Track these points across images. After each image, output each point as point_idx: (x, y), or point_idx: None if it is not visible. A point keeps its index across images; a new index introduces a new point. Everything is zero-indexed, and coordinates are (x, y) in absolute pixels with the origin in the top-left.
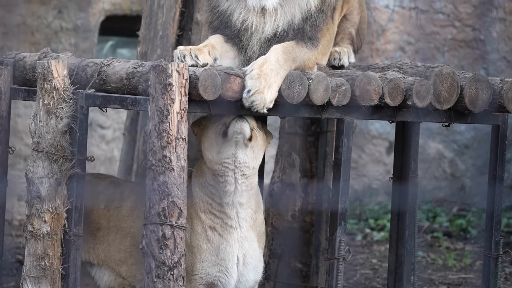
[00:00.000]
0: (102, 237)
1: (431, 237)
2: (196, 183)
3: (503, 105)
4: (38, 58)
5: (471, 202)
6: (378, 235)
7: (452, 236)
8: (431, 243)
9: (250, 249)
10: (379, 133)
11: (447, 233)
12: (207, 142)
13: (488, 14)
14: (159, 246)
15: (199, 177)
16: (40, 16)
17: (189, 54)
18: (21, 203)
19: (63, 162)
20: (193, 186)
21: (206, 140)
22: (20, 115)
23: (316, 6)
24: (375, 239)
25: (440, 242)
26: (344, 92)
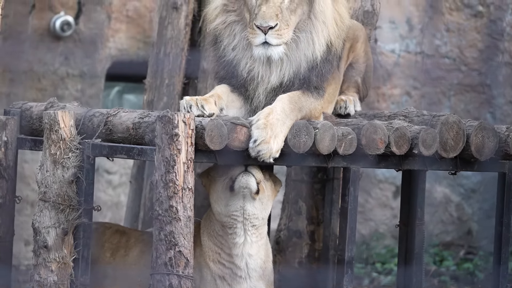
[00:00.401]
0: (109, 286)
1: (438, 281)
2: (205, 232)
3: (509, 153)
4: (44, 108)
5: (478, 245)
6: (385, 279)
7: (459, 280)
8: (438, 287)
9: None
10: (385, 177)
11: (454, 277)
12: (215, 194)
13: (494, 59)
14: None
15: (208, 226)
16: (46, 63)
17: (195, 104)
18: (28, 248)
19: (70, 212)
20: (202, 235)
21: (214, 192)
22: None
23: (322, 56)
24: (382, 283)
25: (447, 286)
26: (350, 141)
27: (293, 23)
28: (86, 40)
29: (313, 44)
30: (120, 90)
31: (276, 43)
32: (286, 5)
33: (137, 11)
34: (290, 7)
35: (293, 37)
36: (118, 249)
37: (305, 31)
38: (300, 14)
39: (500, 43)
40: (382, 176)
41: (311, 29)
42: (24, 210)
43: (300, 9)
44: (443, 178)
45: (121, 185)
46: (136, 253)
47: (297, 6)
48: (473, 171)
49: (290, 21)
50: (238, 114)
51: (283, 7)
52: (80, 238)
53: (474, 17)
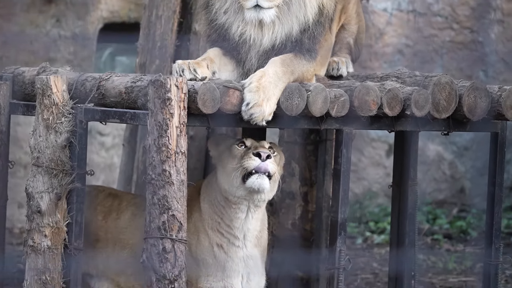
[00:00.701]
0: (101, 248)
1: (432, 239)
2: (206, 199)
3: (502, 113)
4: (37, 73)
5: (471, 203)
6: (378, 238)
7: (453, 238)
8: (431, 245)
9: (254, 266)
10: (378, 136)
11: (447, 235)
12: (224, 173)
13: (486, 16)
14: (160, 259)
15: (210, 194)
16: (38, 25)
17: (187, 68)
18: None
19: (63, 177)
20: (202, 201)
21: (222, 170)
22: (20, 124)
23: (313, 18)
24: (376, 242)
25: (440, 245)
26: (343, 103)
27: None
28: (77, 2)
29: (304, 7)
30: (112, 52)
31: (268, 6)
32: None
33: None
34: None
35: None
36: (110, 212)
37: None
38: None
39: (492, 1)
40: (375, 135)
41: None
42: (17, 173)
43: None
44: (435, 136)
45: (114, 147)
46: (127, 216)
47: None
48: (465, 131)
49: None
50: (230, 77)
51: None
52: (73, 203)
53: None
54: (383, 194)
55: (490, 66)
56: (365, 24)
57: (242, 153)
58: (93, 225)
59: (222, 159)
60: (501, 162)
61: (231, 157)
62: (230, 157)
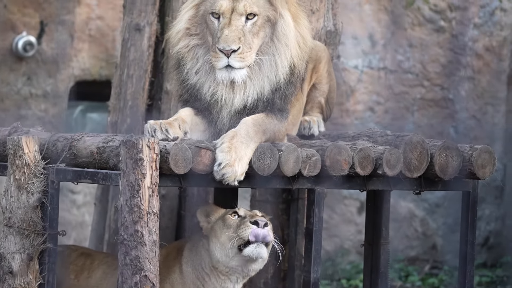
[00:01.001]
0: None
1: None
2: (190, 264)
3: (473, 172)
4: (8, 133)
5: (443, 260)
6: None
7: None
8: None
9: None
10: (350, 193)
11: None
12: (218, 244)
13: (457, 73)
14: None
15: (194, 260)
16: (9, 83)
17: (159, 129)
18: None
19: (35, 237)
20: (185, 264)
21: (216, 240)
22: None
23: (285, 78)
24: None
25: None
26: (315, 163)
27: (256, 46)
28: (48, 60)
29: (276, 67)
30: (83, 109)
31: (239, 66)
32: (248, 28)
33: (99, 31)
34: (253, 30)
35: (256, 60)
36: (82, 271)
37: (268, 54)
38: (262, 37)
39: (462, 58)
40: (347, 193)
41: (274, 51)
42: None
43: (262, 32)
44: (407, 193)
45: (85, 205)
46: (99, 275)
47: (260, 29)
48: (437, 190)
49: (252, 44)
50: (202, 137)
51: (246, 30)
52: (45, 263)
53: (436, 32)
54: (355, 251)
55: (461, 123)
56: (336, 81)
57: (237, 222)
58: (66, 284)
59: (214, 229)
60: (473, 221)
61: (225, 227)
62: (224, 227)
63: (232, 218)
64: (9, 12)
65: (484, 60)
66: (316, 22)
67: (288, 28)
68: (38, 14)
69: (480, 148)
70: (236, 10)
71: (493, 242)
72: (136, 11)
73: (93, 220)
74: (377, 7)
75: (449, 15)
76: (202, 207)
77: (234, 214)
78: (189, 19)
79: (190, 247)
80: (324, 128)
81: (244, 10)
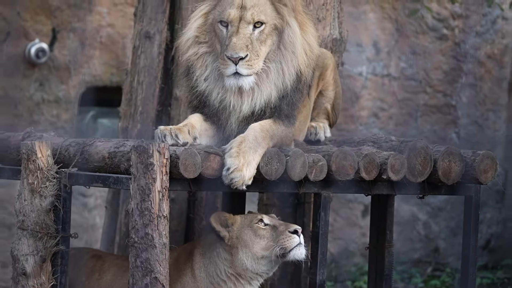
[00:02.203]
0: None
1: None
2: (203, 269)
3: (476, 177)
4: (22, 138)
5: (445, 262)
6: None
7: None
8: None
9: None
10: (354, 197)
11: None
12: (250, 253)
13: (459, 80)
14: None
15: (208, 266)
16: (22, 89)
17: (169, 134)
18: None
19: (48, 240)
20: (198, 270)
21: (247, 251)
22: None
23: (292, 85)
24: None
25: None
26: (321, 168)
27: (264, 54)
28: (60, 67)
29: (283, 74)
30: (95, 114)
31: (247, 73)
32: (256, 36)
33: (110, 38)
34: (260, 38)
35: (264, 67)
36: (93, 273)
37: (275, 61)
38: (270, 44)
39: (464, 65)
40: (352, 196)
41: (281, 59)
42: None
43: (270, 39)
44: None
45: (96, 208)
46: (109, 277)
47: (267, 37)
48: (440, 194)
49: (260, 51)
50: (211, 143)
51: (253, 38)
52: (58, 265)
53: (439, 40)
54: (360, 253)
55: (463, 129)
56: (341, 88)
57: (271, 232)
58: (78, 286)
59: (244, 240)
60: (475, 225)
61: (257, 237)
62: (256, 237)
63: (262, 228)
64: (22, 19)
65: (486, 67)
66: (323, 30)
67: (294, 36)
68: (50, 21)
69: (483, 154)
70: (244, 19)
71: (494, 245)
72: (146, 19)
73: (104, 223)
74: (381, 16)
75: (451, 23)
76: (215, 214)
77: (261, 222)
78: (198, 27)
79: (202, 253)
80: (330, 134)
81: (251, 19)
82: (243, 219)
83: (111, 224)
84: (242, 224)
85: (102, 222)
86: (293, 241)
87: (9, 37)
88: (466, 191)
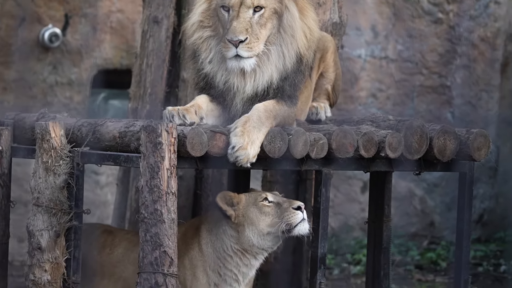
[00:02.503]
0: (98, 282)
1: (404, 270)
2: (210, 245)
3: (470, 154)
4: (36, 118)
5: (440, 236)
6: (354, 269)
7: (423, 268)
8: (403, 276)
9: None
10: (354, 174)
11: (419, 266)
12: (256, 230)
13: (453, 62)
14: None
15: (215, 242)
16: (36, 72)
17: (177, 114)
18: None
19: (62, 215)
20: (205, 245)
21: (254, 227)
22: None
23: (292, 67)
24: (352, 272)
25: (412, 275)
26: (322, 146)
27: (264, 37)
28: (73, 51)
29: (283, 57)
30: (106, 96)
31: (247, 56)
32: (256, 20)
33: (120, 23)
34: (260, 21)
35: (265, 49)
36: (104, 248)
37: (275, 44)
38: (270, 28)
39: (458, 48)
40: (351, 173)
41: (281, 42)
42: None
43: (270, 23)
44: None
45: (107, 185)
46: (120, 251)
47: (267, 21)
48: (436, 171)
49: (260, 34)
50: (217, 122)
51: (253, 22)
52: (71, 240)
53: (434, 23)
54: (359, 228)
55: (457, 108)
56: (341, 70)
57: (275, 209)
58: (90, 260)
59: (250, 218)
60: (469, 200)
61: (263, 214)
62: (261, 214)
63: (267, 205)
64: (36, 5)
65: (479, 49)
66: (323, 15)
67: (293, 20)
68: (62, 7)
69: (476, 132)
70: (244, 3)
71: (487, 219)
72: (154, 4)
73: (116, 200)
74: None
75: (446, 7)
76: (220, 194)
77: (265, 200)
78: (203, 12)
79: (208, 229)
80: (331, 114)
81: (251, 3)
82: (248, 198)
83: (122, 201)
84: (247, 202)
85: (114, 199)
86: (297, 217)
87: (24, 22)
88: (461, 168)
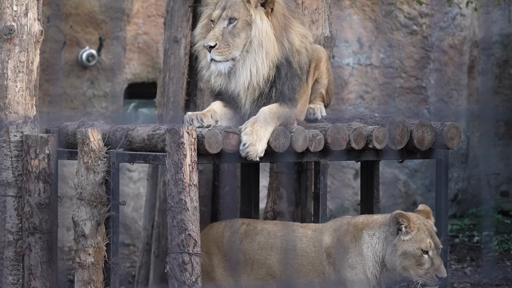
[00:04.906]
0: (243, 269)
1: None
2: (370, 248)
3: (444, 143)
4: (77, 126)
5: None
6: None
7: None
8: None
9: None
10: (347, 163)
11: None
12: (404, 263)
13: (427, 66)
14: (180, 270)
15: (376, 246)
16: (77, 87)
17: (196, 118)
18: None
19: (101, 207)
20: (366, 249)
21: (405, 259)
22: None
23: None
24: None
25: None
26: (319, 141)
27: (237, 44)
28: (107, 68)
29: (256, 63)
30: (136, 105)
31: (220, 59)
32: (228, 30)
33: (145, 43)
34: (233, 31)
35: (241, 55)
36: (246, 237)
37: (250, 52)
38: (244, 37)
39: (431, 54)
40: (344, 163)
41: (251, 50)
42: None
43: (243, 33)
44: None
45: (140, 180)
46: (261, 239)
47: (240, 31)
48: (416, 158)
49: (232, 42)
50: (230, 124)
51: (226, 31)
52: (110, 227)
53: (410, 34)
54: (353, 209)
55: (432, 105)
56: (333, 76)
57: (427, 263)
58: (235, 250)
59: (406, 251)
60: (445, 182)
61: (417, 263)
62: (415, 258)
63: (424, 257)
64: (74, 31)
65: (449, 55)
66: (316, 30)
67: (258, 32)
68: (97, 32)
69: (449, 124)
70: (221, 16)
71: (461, 198)
72: (174, 26)
73: (147, 192)
74: (363, 17)
75: (420, 20)
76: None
77: (426, 253)
78: (203, 26)
79: (370, 234)
80: (325, 113)
81: (226, 15)
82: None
83: (152, 193)
84: (415, 237)
85: (145, 192)
86: (434, 282)
87: (65, 45)
88: (437, 155)
